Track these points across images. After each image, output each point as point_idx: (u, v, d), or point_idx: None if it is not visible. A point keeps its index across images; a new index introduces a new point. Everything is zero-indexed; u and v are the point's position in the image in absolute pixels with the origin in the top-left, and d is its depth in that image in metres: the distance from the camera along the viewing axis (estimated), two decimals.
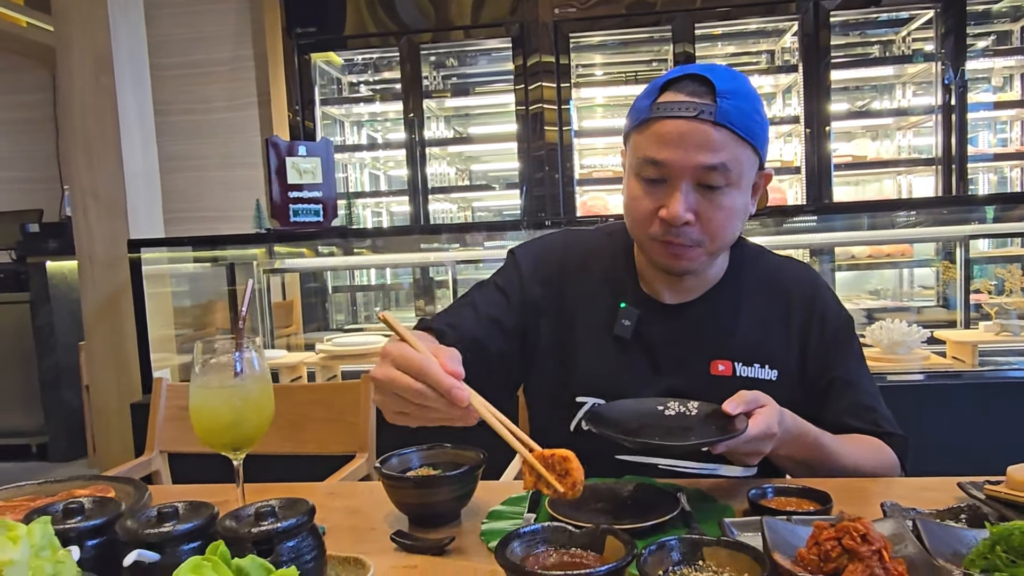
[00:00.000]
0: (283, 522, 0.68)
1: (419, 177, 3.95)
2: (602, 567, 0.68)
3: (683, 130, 0.97)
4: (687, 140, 0.97)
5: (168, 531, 0.68)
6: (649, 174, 1.01)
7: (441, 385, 0.76)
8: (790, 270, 1.19)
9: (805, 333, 1.13)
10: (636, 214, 1.05)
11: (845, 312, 1.17)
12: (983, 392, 2.31)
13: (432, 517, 0.92)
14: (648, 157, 1.00)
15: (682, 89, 1.00)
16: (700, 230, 1.01)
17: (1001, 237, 3.38)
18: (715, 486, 1.01)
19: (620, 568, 0.69)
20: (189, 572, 0.49)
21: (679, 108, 0.98)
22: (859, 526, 0.64)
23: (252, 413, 0.82)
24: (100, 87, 2.80)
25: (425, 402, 0.77)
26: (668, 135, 0.98)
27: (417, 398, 0.77)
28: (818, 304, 1.15)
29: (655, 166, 1.00)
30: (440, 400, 0.76)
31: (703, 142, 0.97)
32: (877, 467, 1.06)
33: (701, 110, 0.97)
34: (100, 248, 2.83)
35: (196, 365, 0.82)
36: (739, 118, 0.98)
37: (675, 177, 1.00)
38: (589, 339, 1.13)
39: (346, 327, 4.03)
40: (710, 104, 0.97)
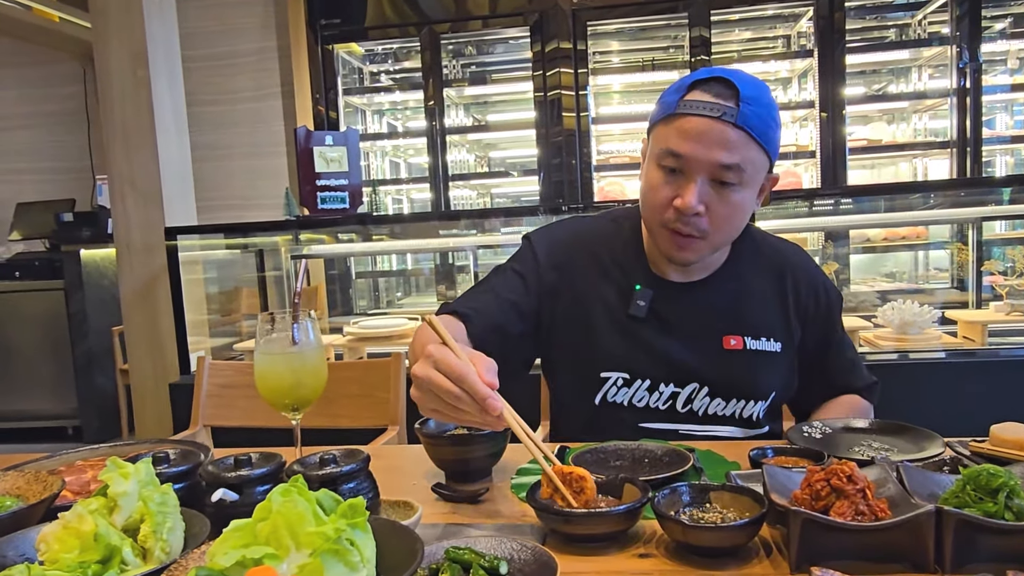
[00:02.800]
0: (344, 466, 0.78)
1: (439, 164, 4.04)
2: (621, 506, 0.78)
3: (705, 128, 1.05)
4: (707, 137, 1.05)
5: (246, 474, 0.78)
6: (669, 164, 1.09)
7: (478, 394, 0.81)
8: (786, 251, 1.30)
9: (804, 308, 1.25)
10: (653, 201, 1.13)
11: (834, 287, 1.31)
12: (992, 370, 2.37)
13: (467, 473, 1.02)
14: (670, 148, 1.08)
15: (709, 90, 1.08)
16: (708, 222, 1.10)
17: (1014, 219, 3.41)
18: (723, 448, 1.10)
19: (636, 508, 0.78)
20: (280, 495, 0.60)
21: (704, 107, 1.06)
22: (846, 468, 0.73)
23: (309, 377, 0.93)
24: (137, 80, 2.92)
25: (460, 405, 0.83)
26: (691, 131, 1.06)
27: (453, 401, 0.83)
28: (813, 281, 1.27)
29: (675, 157, 1.08)
30: (474, 406, 0.82)
31: (722, 141, 1.05)
32: None
33: (724, 111, 1.05)
34: (137, 235, 2.95)
35: (259, 335, 0.92)
36: (758, 123, 1.06)
37: (692, 170, 1.07)
38: (607, 318, 1.22)
39: (369, 311, 4.15)
40: (733, 107, 1.05)
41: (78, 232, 4.42)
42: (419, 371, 0.86)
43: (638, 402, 1.20)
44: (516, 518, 0.89)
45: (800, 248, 1.33)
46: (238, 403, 1.94)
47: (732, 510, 0.80)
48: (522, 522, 0.88)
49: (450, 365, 0.82)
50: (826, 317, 1.27)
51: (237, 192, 4.50)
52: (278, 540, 0.58)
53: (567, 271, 1.25)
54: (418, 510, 0.81)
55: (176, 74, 3.11)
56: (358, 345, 2.94)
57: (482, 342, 1.10)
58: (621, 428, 1.19)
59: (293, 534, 0.58)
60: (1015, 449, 0.92)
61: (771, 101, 1.10)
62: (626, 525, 0.80)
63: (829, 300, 1.28)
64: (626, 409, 1.20)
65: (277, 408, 0.94)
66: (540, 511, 0.81)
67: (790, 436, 1.06)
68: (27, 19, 4.09)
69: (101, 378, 4.37)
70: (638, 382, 1.19)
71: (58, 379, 4.46)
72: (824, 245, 3.68)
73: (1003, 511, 0.69)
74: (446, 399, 0.83)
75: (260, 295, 3.34)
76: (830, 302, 1.28)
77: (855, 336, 2.57)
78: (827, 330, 1.28)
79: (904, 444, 1.04)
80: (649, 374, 1.19)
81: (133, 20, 2.87)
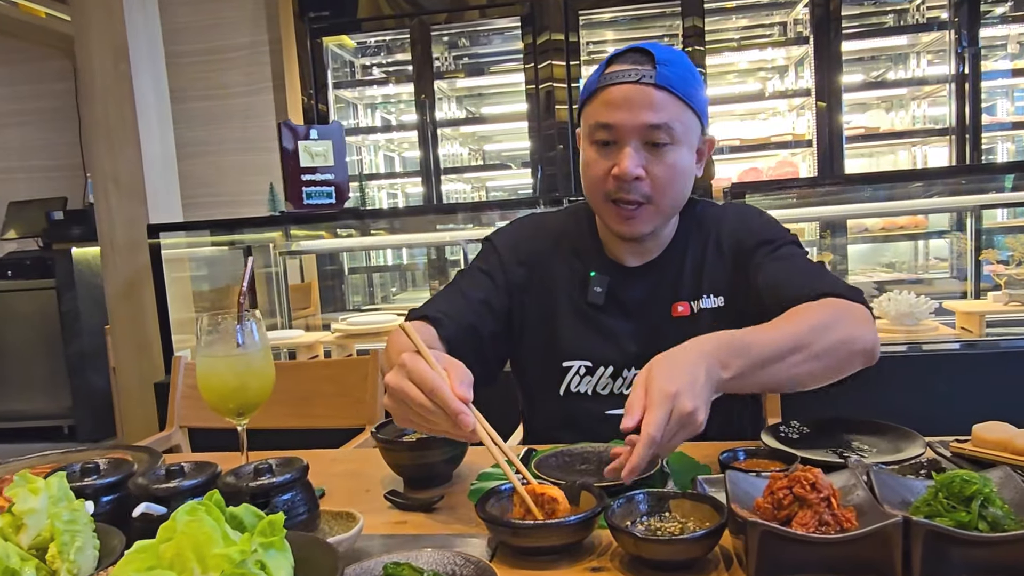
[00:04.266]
0: (279, 477, 0.74)
1: (431, 158, 3.99)
2: (571, 517, 0.73)
3: (628, 93, 1.08)
4: (632, 102, 1.08)
5: (174, 486, 0.74)
6: (600, 137, 1.11)
7: (449, 408, 0.80)
8: (724, 211, 1.26)
9: (735, 251, 1.19)
10: (591, 177, 1.14)
11: (769, 220, 1.22)
12: (989, 362, 2.32)
13: (425, 478, 0.98)
14: (599, 122, 1.10)
15: (626, 60, 1.11)
16: (650, 185, 1.10)
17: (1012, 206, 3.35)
18: (696, 448, 1.05)
19: (588, 519, 0.74)
20: (186, 514, 0.55)
21: (623, 75, 1.09)
22: (809, 475, 0.69)
23: (254, 379, 0.89)
24: (118, 74, 2.87)
25: (432, 418, 0.82)
26: (615, 99, 1.09)
27: (426, 413, 0.82)
28: (744, 221, 1.22)
29: (606, 129, 1.10)
30: (447, 420, 0.81)
31: (646, 102, 1.07)
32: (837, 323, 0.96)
33: (643, 75, 1.08)
34: (121, 233, 2.91)
35: (201, 337, 0.88)
36: (678, 82, 1.08)
37: (624, 137, 1.09)
38: (567, 308, 1.22)
39: (363, 307, 4.11)
40: (651, 69, 1.08)
41: (69, 230, 4.39)
42: (392, 381, 0.85)
43: (602, 390, 1.19)
44: (469, 528, 0.85)
45: (740, 204, 1.31)
46: None
47: (692, 520, 0.75)
48: (475, 532, 0.83)
49: (423, 377, 0.82)
50: (757, 246, 1.16)
51: (228, 188, 4.46)
52: (183, 563, 0.54)
53: (530, 265, 1.26)
54: (359, 522, 0.76)
55: (159, 68, 3.06)
56: (346, 342, 2.90)
57: (456, 344, 1.09)
58: (588, 419, 1.19)
59: (199, 556, 0.54)
60: (997, 450, 0.87)
61: (689, 64, 1.13)
62: (578, 537, 0.75)
63: (761, 229, 1.19)
64: (590, 398, 1.19)
65: (221, 413, 0.89)
66: (489, 523, 0.77)
67: (764, 437, 1.02)
68: (13, 15, 4.06)
69: (95, 377, 4.35)
70: (600, 369, 1.19)
71: (52, 378, 4.44)
72: (822, 235, 3.62)
73: (976, 521, 0.65)
74: (418, 411, 0.83)
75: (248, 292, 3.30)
76: (763, 227, 1.20)
77: None
78: (765, 254, 1.15)
79: (884, 444, 0.99)
80: (611, 360, 1.18)
81: (113, 13, 2.82)
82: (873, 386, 2.28)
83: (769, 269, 1.12)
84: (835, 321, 0.96)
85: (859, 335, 0.96)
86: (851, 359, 0.96)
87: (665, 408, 0.78)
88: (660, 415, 0.78)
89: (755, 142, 3.87)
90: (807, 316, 0.97)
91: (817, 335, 0.93)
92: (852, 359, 0.96)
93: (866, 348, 0.97)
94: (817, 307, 0.98)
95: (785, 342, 0.91)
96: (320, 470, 1.09)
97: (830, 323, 0.95)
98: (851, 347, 0.95)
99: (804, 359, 0.91)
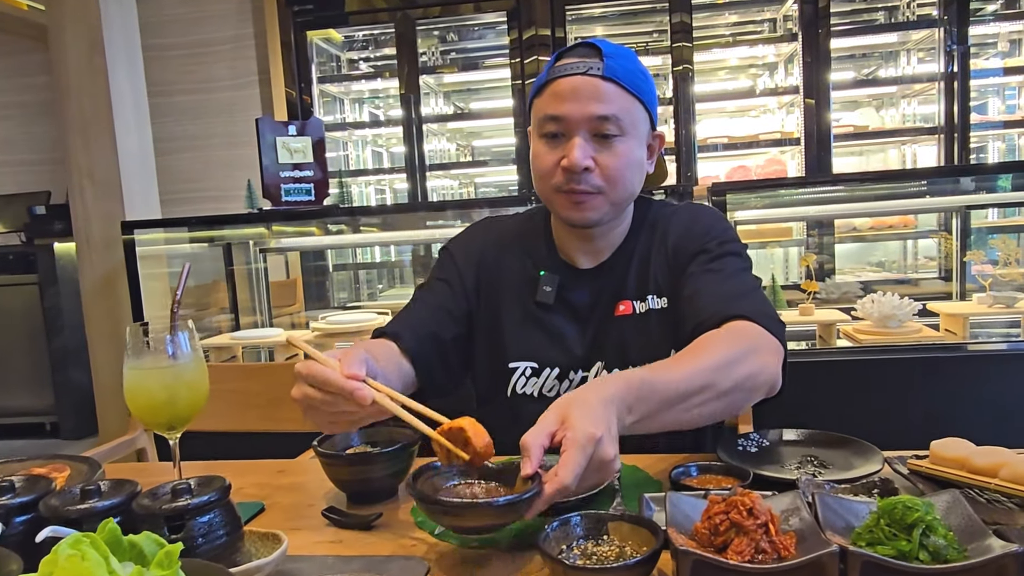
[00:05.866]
0: (196, 499, 0.70)
1: (416, 154, 3.95)
2: (501, 498, 0.71)
3: (576, 85, 1.08)
4: (580, 93, 1.07)
5: (87, 508, 0.71)
6: (549, 129, 1.10)
7: (344, 390, 0.81)
8: (678, 209, 1.24)
9: (676, 253, 1.17)
10: (541, 169, 1.13)
11: (726, 232, 1.17)
12: (972, 365, 2.29)
13: (368, 494, 0.95)
14: (547, 114, 1.10)
15: (574, 54, 1.11)
16: (599, 176, 1.09)
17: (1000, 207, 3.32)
18: (651, 461, 1.02)
19: (519, 501, 0.71)
20: (68, 547, 0.52)
21: (571, 68, 1.09)
22: (746, 500, 0.66)
23: (185, 392, 0.85)
24: (93, 68, 2.83)
25: (337, 408, 0.83)
26: (563, 91, 1.09)
27: (330, 407, 0.83)
28: (691, 226, 1.19)
29: (554, 121, 1.09)
30: (350, 403, 0.81)
31: (594, 94, 1.07)
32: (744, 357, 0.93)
33: (590, 67, 1.08)
34: (97, 229, 2.88)
35: (129, 348, 0.85)
36: (625, 75, 1.09)
37: (572, 129, 1.08)
38: (515, 308, 1.21)
39: (349, 304, 4.07)
40: (598, 62, 1.08)
41: (51, 225, 4.34)
42: (295, 393, 0.87)
43: (548, 391, 1.17)
44: (406, 548, 0.82)
45: (695, 206, 1.27)
46: None
47: (630, 544, 0.72)
48: (411, 553, 0.80)
49: (314, 374, 0.83)
50: (696, 253, 1.14)
51: (214, 183, 4.42)
52: None
53: (483, 266, 1.25)
54: (282, 544, 0.73)
55: (136, 62, 3.02)
56: (326, 341, 2.86)
57: (419, 354, 1.11)
58: (533, 421, 1.14)
59: None
60: (954, 468, 0.84)
61: (636, 59, 1.13)
62: (509, 519, 0.74)
63: (706, 233, 1.16)
64: (536, 400, 1.17)
65: (151, 427, 0.86)
66: (421, 501, 0.75)
67: (720, 451, 0.99)
68: None
69: (77, 373, 4.30)
70: (547, 371, 1.17)
71: (34, 375, 4.40)
72: (809, 233, 3.60)
73: (917, 550, 0.62)
74: (324, 409, 0.84)
75: (228, 289, 3.26)
76: (707, 233, 1.16)
77: (831, 329, 2.49)
78: (700, 263, 1.13)
79: (842, 460, 0.96)
80: (557, 362, 1.17)
81: (88, 6, 2.78)
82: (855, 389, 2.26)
83: (697, 279, 1.10)
84: (742, 355, 0.93)
85: (765, 368, 0.95)
86: (753, 393, 0.96)
87: (586, 451, 0.74)
88: (579, 459, 0.73)
89: (743, 139, 3.84)
90: (713, 351, 0.93)
91: (722, 374, 0.90)
92: (754, 393, 0.96)
93: (768, 380, 0.96)
94: (725, 338, 0.96)
95: (691, 382, 0.88)
96: (265, 482, 1.06)
97: (736, 358, 0.92)
98: (755, 381, 0.94)
99: (708, 399, 0.89)
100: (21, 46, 4.64)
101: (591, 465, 0.74)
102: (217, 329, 3.25)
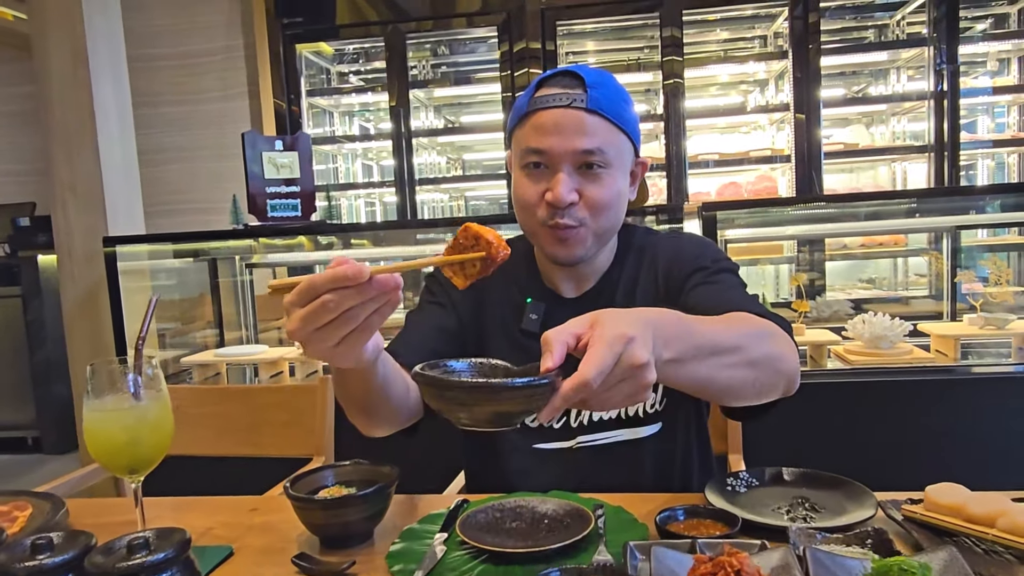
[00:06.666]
0: (152, 556, 0.66)
1: (406, 167, 3.92)
2: (515, 379, 0.66)
3: (558, 118, 1.05)
4: (563, 127, 1.05)
5: (37, 565, 0.67)
6: (532, 160, 1.08)
7: (336, 277, 0.68)
8: (660, 239, 1.22)
9: (668, 279, 1.15)
10: (524, 202, 1.10)
11: (718, 253, 1.16)
12: (963, 388, 2.27)
13: (342, 538, 0.91)
14: (530, 147, 1.07)
15: (556, 84, 1.08)
16: (584, 208, 1.07)
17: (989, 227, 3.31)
18: (638, 503, 0.99)
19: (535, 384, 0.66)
20: None
21: (554, 99, 1.06)
22: (734, 561, 0.62)
23: (148, 434, 0.81)
24: (77, 80, 2.79)
25: (337, 308, 0.68)
26: (546, 124, 1.06)
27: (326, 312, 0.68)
28: (680, 251, 1.16)
29: (537, 154, 1.07)
30: (347, 293, 0.68)
31: (578, 128, 1.05)
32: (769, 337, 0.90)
33: (574, 99, 1.05)
34: (79, 243, 2.83)
35: (89, 387, 0.81)
36: (609, 105, 1.06)
37: (556, 163, 1.06)
38: (500, 335, 1.19)
39: None
40: (582, 93, 1.05)
41: (35, 237, 4.29)
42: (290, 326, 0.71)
43: (530, 421, 1.14)
44: None
45: (680, 233, 1.26)
46: None
47: None
48: None
49: (301, 288, 0.69)
50: (691, 272, 1.12)
51: (202, 195, 4.38)
52: None
53: (470, 292, 1.16)
54: None
55: (121, 74, 2.97)
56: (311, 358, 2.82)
57: None
58: (514, 451, 1.16)
59: None
60: (950, 516, 0.81)
61: (619, 86, 1.11)
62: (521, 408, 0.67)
63: (698, 254, 1.14)
64: (518, 430, 1.14)
65: (111, 471, 0.82)
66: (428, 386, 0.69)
67: (708, 493, 0.95)
68: None
69: (60, 387, 4.23)
70: None
71: (16, 389, 4.32)
72: (800, 251, 3.58)
73: None
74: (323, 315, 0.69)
75: (213, 305, 3.22)
76: (699, 255, 1.14)
77: (821, 350, 2.47)
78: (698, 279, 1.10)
79: (834, 503, 0.93)
80: None
81: (72, 16, 2.74)
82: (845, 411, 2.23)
83: (698, 292, 1.07)
84: (768, 335, 0.89)
85: (787, 356, 0.90)
86: (776, 379, 0.89)
87: (614, 349, 0.65)
88: (606, 355, 0.65)
89: (734, 156, 3.83)
90: (742, 321, 0.90)
91: (753, 341, 0.85)
92: (777, 379, 0.89)
93: (790, 372, 0.91)
94: (750, 317, 0.92)
95: (725, 337, 0.82)
96: (236, 522, 1.02)
97: (764, 334, 0.89)
98: (779, 365, 0.88)
99: (740, 362, 0.83)
100: (5, 55, 4.59)
101: (619, 368, 0.66)
102: (202, 345, 3.21)
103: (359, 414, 0.98)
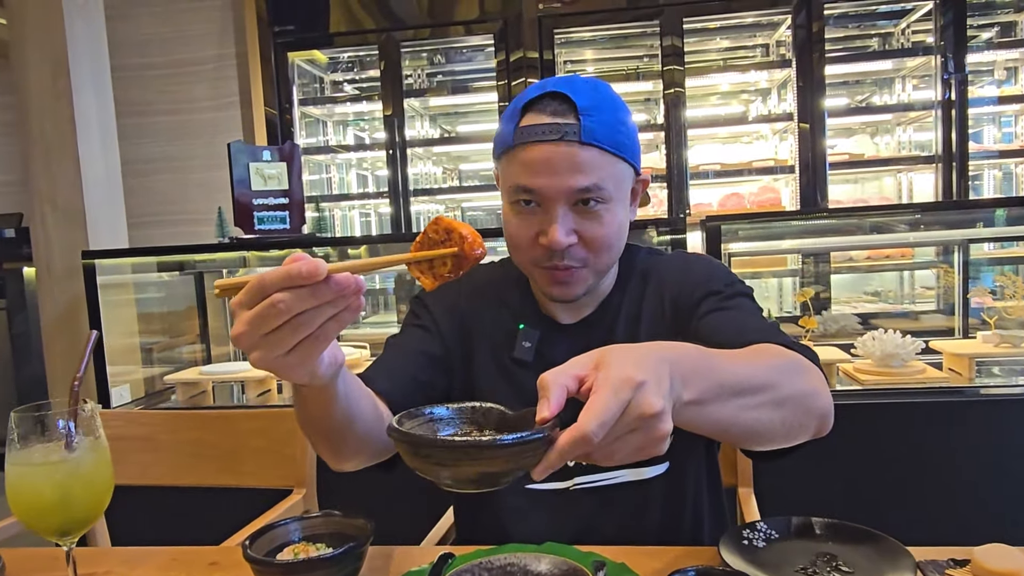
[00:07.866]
0: None
1: (400, 178, 3.83)
2: (505, 436, 0.59)
3: (549, 155, 0.94)
4: (555, 165, 0.93)
5: None
6: (524, 198, 0.98)
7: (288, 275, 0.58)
8: (663, 263, 1.12)
9: (676, 306, 1.05)
10: (518, 243, 1.01)
11: (729, 275, 1.07)
12: (979, 410, 2.17)
13: None
14: (519, 185, 0.97)
15: (543, 110, 0.96)
16: (584, 249, 0.98)
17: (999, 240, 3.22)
18: (645, 558, 0.88)
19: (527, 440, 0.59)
20: None
21: (542, 132, 0.94)
22: None
23: (80, 491, 0.71)
24: (57, 91, 2.70)
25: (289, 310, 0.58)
26: (535, 161, 0.94)
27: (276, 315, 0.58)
28: (688, 275, 1.07)
29: (528, 193, 0.97)
30: (300, 294, 0.58)
31: (572, 165, 0.93)
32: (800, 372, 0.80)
33: (565, 132, 0.93)
34: (58, 258, 2.73)
35: (14, 436, 0.70)
36: (605, 134, 0.94)
37: (549, 203, 0.96)
38: (489, 363, 1.10)
39: None
40: (574, 123, 0.93)
41: (20, 249, 4.19)
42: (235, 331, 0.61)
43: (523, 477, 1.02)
44: None
45: (687, 254, 1.16)
46: (131, 457, 1.71)
47: None
48: None
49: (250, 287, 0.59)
50: (704, 297, 1.03)
51: (193, 205, 4.28)
52: None
53: (459, 316, 1.13)
54: None
55: (104, 84, 2.88)
56: None
57: (396, 398, 0.97)
58: (509, 494, 1.05)
59: None
60: None
61: (615, 101, 0.99)
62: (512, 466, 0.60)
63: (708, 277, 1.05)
64: None
65: (39, 532, 0.71)
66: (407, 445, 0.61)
67: (723, 548, 0.85)
68: None
69: None
70: None
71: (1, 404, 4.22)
72: (804, 263, 3.49)
73: None
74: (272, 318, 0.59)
75: (199, 320, 3.12)
76: (709, 277, 1.05)
77: (830, 369, 2.36)
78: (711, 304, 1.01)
79: (865, 561, 0.83)
80: None
81: (52, 24, 2.64)
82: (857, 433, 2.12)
83: (713, 319, 0.97)
84: (797, 370, 0.79)
85: (820, 392, 0.80)
86: (808, 418, 0.79)
87: (620, 396, 0.57)
88: (611, 403, 0.56)
89: (736, 166, 3.74)
90: (769, 354, 0.80)
91: (782, 377, 0.76)
92: (809, 419, 0.79)
93: (823, 411, 0.80)
94: (777, 349, 0.82)
95: (750, 375, 0.72)
96: None
97: (793, 368, 0.79)
98: (811, 403, 0.78)
99: (766, 402, 0.73)
100: None
101: (626, 418, 0.57)
102: (189, 361, 3.11)
103: (321, 442, 0.88)
